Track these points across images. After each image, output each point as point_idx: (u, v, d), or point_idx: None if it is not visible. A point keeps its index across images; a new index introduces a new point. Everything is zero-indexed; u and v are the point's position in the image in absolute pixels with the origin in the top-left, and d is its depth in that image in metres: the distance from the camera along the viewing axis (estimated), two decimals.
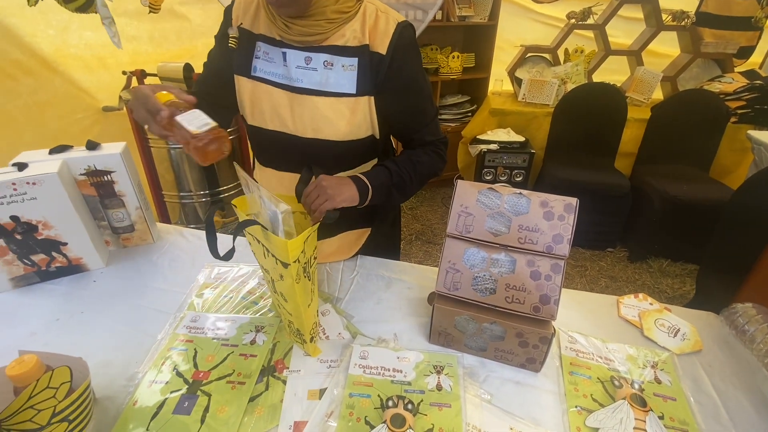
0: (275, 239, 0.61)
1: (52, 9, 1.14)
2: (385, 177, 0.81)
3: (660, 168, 2.51)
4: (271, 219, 0.65)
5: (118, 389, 0.69)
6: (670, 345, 0.81)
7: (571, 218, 0.69)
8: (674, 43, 3.01)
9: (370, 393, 0.68)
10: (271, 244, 0.63)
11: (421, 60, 0.85)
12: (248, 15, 0.79)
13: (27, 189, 0.82)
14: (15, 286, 0.91)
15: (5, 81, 1.39)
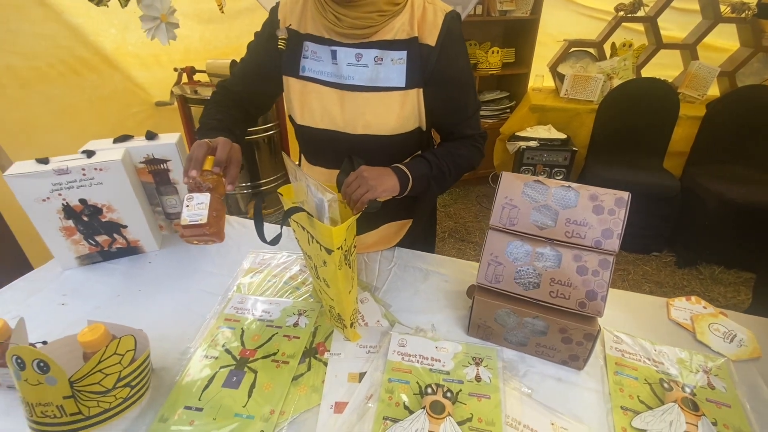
0: (320, 226, 0.63)
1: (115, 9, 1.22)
2: (425, 168, 0.81)
3: (714, 169, 2.35)
4: (317, 206, 0.68)
5: (172, 362, 0.74)
6: (726, 351, 0.76)
7: (621, 213, 0.67)
8: (733, 37, 2.80)
9: (408, 379, 0.69)
10: (316, 231, 0.65)
11: (467, 50, 0.84)
12: (295, 15, 0.81)
13: (94, 174, 0.89)
14: (80, 264, 0.99)
15: (72, 77, 1.52)
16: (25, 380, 0.56)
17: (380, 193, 0.74)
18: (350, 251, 0.71)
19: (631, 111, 2.45)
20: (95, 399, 0.59)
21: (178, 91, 1.82)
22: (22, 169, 0.85)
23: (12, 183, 0.84)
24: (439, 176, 0.83)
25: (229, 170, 0.67)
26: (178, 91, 1.82)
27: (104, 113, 1.68)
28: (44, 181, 0.86)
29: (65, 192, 0.88)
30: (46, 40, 1.40)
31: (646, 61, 2.75)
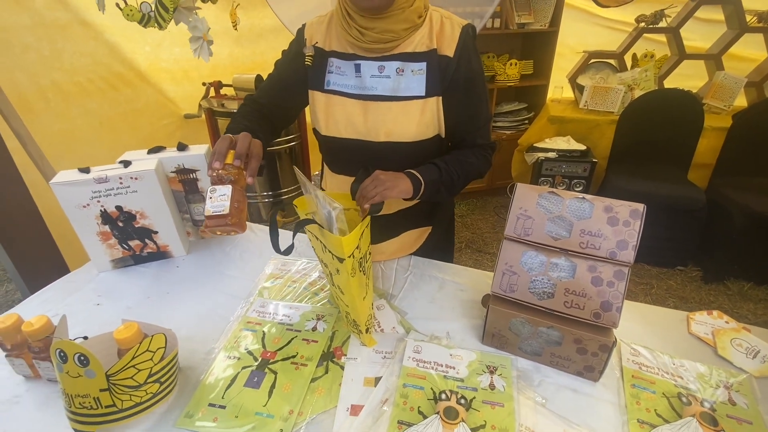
0: (330, 236, 0.66)
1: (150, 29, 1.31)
2: (435, 174, 0.84)
3: (742, 181, 2.28)
4: (326, 218, 0.71)
5: (197, 361, 0.77)
6: (748, 367, 0.75)
7: (637, 224, 0.67)
8: (761, 46, 2.73)
9: (423, 385, 0.71)
10: (327, 241, 0.68)
11: (481, 62, 0.87)
12: (320, 34, 0.87)
13: (130, 183, 0.95)
14: (114, 267, 1.05)
15: (109, 91, 1.62)
16: (66, 372, 0.60)
17: (395, 194, 0.77)
18: (365, 258, 0.74)
19: (654, 122, 2.41)
20: (128, 393, 0.63)
21: (206, 104, 1.91)
22: (65, 177, 0.92)
23: (57, 190, 0.90)
24: (448, 182, 0.86)
25: (250, 163, 0.71)
26: (205, 105, 1.91)
27: (137, 125, 1.78)
28: (85, 188, 0.92)
29: (103, 199, 0.95)
30: (86, 58, 1.51)
31: (669, 71, 2.71)
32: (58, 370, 0.61)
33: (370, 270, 0.79)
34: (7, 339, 0.70)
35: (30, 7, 1.29)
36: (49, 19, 1.34)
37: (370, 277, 0.79)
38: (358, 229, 0.67)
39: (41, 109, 1.38)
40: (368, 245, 0.75)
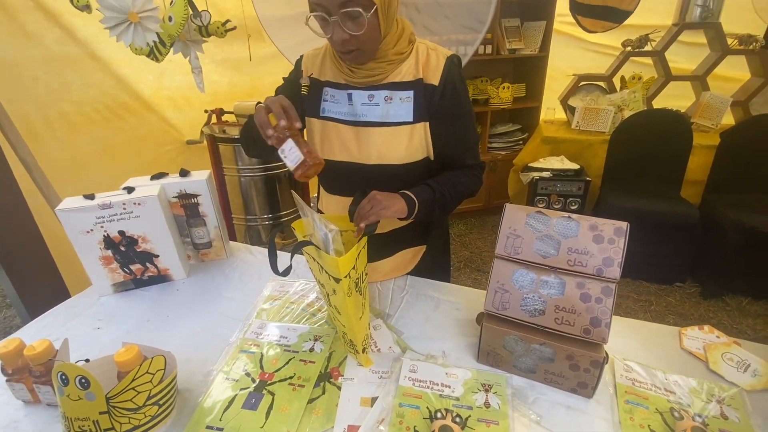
0: (327, 257, 0.68)
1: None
2: (429, 194, 0.87)
3: (734, 197, 2.32)
4: (323, 239, 0.73)
5: (196, 383, 0.78)
6: (740, 380, 0.76)
7: (621, 242, 0.70)
8: (744, 67, 2.84)
9: (419, 404, 0.71)
10: (324, 262, 0.71)
11: (467, 88, 0.92)
12: (316, 66, 0.93)
13: (133, 208, 0.98)
14: (115, 291, 1.06)
15: (114, 119, 1.68)
16: (67, 395, 0.61)
17: (391, 213, 0.80)
18: (361, 278, 0.76)
19: (644, 141, 2.47)
20: (127, 416, 0.64)
21: (208, 130, 1.97)
22: (70, 204, 0.95)
23: (62, 216, 0.93)
24: (441, 201, 0.89)
25: (289, 113, 0.74)
26: (207, 131, 1.97)
27: (140, 151, 1.84)
28: (89, 214, 0.95)
29: (107, 224, 0.97)
30: (93, 89, 1.57)
31: (657, 92, 2.79)
32: (59, 394, 0.62)
33: (367, 291, 0.81)
34: (8, 363, 0.72)
35: (40, 42, 1.36)
36: (59, 53, 1.41)
37: (366, 297, 0.81)
38: (354, 250, 0.70)
39: (48, 137, 1.43)
40: (365, 266, 0.77)
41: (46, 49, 1.36)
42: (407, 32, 0.87)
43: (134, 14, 0.99)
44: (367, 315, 0.82)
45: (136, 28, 1.03)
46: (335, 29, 0.76)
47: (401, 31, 0.85)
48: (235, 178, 2.06)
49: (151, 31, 1.04)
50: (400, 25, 0.85)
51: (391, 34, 0.83)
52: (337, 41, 0.78)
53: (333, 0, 0.73)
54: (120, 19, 0.96)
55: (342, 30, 0.76)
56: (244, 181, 2.06)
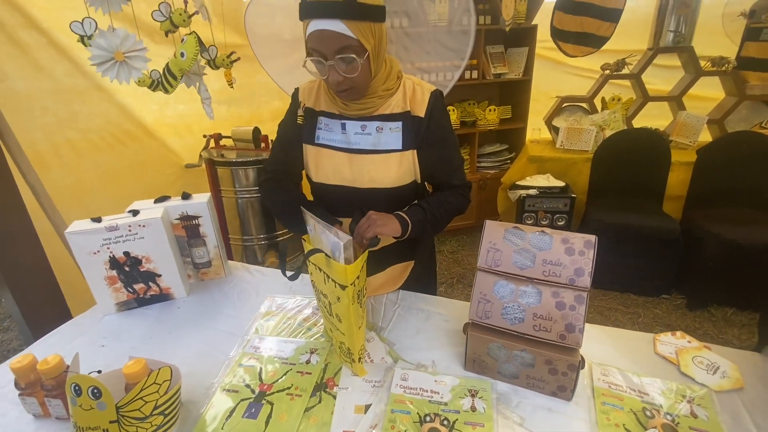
0: (335, 264, 0.75)
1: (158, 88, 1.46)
2: (421, 215, 0.94)
3: (713, 211, 2.41)
4: (333, 249, 0.79)
5: (198, 395, 0.82)
6: (709, 382, 0.81)
7: (590, 253, 0.77)
8: (718, 87, 2.99)
9: (409, 410, 0.76)
10: (332, 270, 0.77)
11: (449, 118, 1.01)
12: (311, 98, 1.01)
13: (138, 230, 1.04)
14: (118, 310, 1.11)
15: (118, 146, 1.75)
16: (79, 405, 0.65)
17: (386, 232, 0.86)
18: (362, 292, 0.82)
19: (625, 159, 2.59)
20: (135, 425, 0.68)
21: (206, 155, 2.05)
22: (79, 227, 1.00)
23: (70, 239, 0.99)
24: (433, 221, 0.96)
25: None
26: (206, 155, 2.05)
27: (141, 175, 1.90)
28: (97, 236, 1.01)
29: (113, 246, 1.03)
30: (99, 117, 1.65)
31: (636, 113, 2.93)
32: (71, 404, 0.67)
33: (365, 305, 0.87)
34: (21, 378, 0.76)
35: (51, 75, 1.45)
36: (68, 85, 1.49)
37: (365, 311, 0.87)
38: (360, 260, 0.76)
39: (55, 164, 1.49)
40: (365, 282, 0.83)
41: (57, 81, 1.45)
42: (395, 69, 0.96)
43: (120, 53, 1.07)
44: (364, 326, 0.87)
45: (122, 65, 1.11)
46: (331, 72, 0.84)
47: (390, 69, 0.94)
48: (232, 200, 2.13)
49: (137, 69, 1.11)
50: (389, 64, 0.94)
51: (381, 73, 0.92)
52: (332, 82, 0.86)
53: (330, 47, 0.81)
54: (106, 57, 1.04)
55: (337, 73, 0.84)
56: (241, 202, 2.13)
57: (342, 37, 0.80)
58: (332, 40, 0.80)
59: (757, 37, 2.76)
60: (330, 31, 0.79)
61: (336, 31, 0.79)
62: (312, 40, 0.83)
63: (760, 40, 2.76)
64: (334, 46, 0.81)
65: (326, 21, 0.79)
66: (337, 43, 0.80)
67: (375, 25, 0.84)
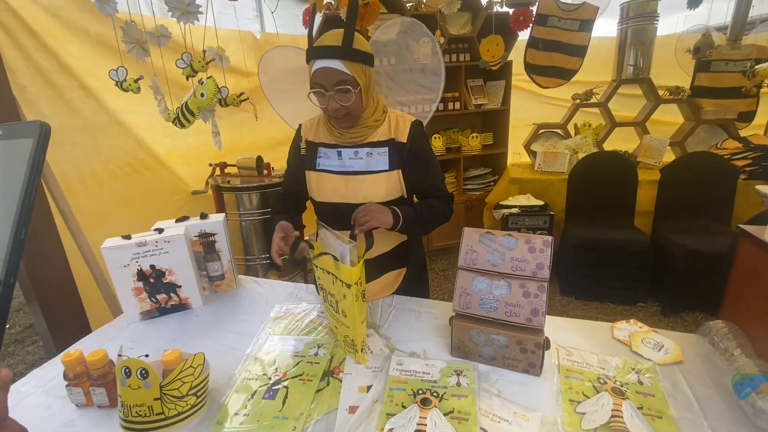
0: (343, 266, 0.90)
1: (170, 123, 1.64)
2: (411, 213, 1.11)
3: (680, 224, 2.63)
4: (341, 253, 0.95)
5: (221, 385, 0.95)
6: (654, 357, 0.97)
7: (548, 251, 0.94)
8: (677, 113, 3.30)
9: (405, 387, 0.90)
10: (339, 272, 0.92)
11: (429, 142, 1.21)
12: (312, 132, 1.21)
13: (163, 245, 1.19)
14: (142, 318, 1.23)
15: (133, 174, 1.92)
16: (128, 386, 0.78)
17: (381, 223, 1.03)
18: (363, 292, 0.97)
19: (598, 179, 2.82)
20: (174, 402, 0.81)
21: (213, 182, 2.21)
22: (112, 243, 1.15)
23: (106, 254, 1.13)
24: (421, 219, 1.13)
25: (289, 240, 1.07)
26: (212, 182, 2.21)
27: (153, 202, 2.05)
28: (128, 251, 1.15)
29: (141, 259, 1.17)
30: (118, 149, 1.82)
31: (606, 137, 3.21)
32: (121, 385, 0.79)
33: (365, 302, 1.02)
34: (70, 369, 0.88)
35: (80, 114, 1.62)
36: (94, 121, 1.67)
37: (365, 307, 1.02)
38: (360, 264, 0.93)
39: (80, 191, 1.64)
40: (364, 284, 0.99)
41: (85, 119, 1.62)
42: (381, 104, 1.17)
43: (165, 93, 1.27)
44: (365, 321, 1.02)
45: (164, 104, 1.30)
46: (330, 101, 1.04)
47: (377, 105, 1.15)
48: (236, 222, 2.28)
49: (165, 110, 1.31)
50: (376, 101, 1.16)
51: (371, 107, 1.12)
52: (331, 110, 1.06)
53: (330, 81, 1.01)
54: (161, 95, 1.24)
55: (335, 101, 1.04)
56: (245, 224, 2.28)
57: (340, 73, 1.00)
58: (332, 76, 1.00)
59: (707, 68, 3.09)
60: (330, 68, 1.00)
61: (335, 68, 1.00)
62: (316, 76, 1.03)
63: (710, 71, 3.10)
64: (334, 80, 1.01)
65: (328, 61, 1.00)
66: (335, 77, 1.00)
67: (366, 67, 1.05)
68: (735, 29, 3.04)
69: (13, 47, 1.37)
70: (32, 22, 1.44)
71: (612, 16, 3.20)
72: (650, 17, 2.97)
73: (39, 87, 1.46)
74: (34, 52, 1.45)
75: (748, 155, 2.64)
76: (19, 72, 1.39)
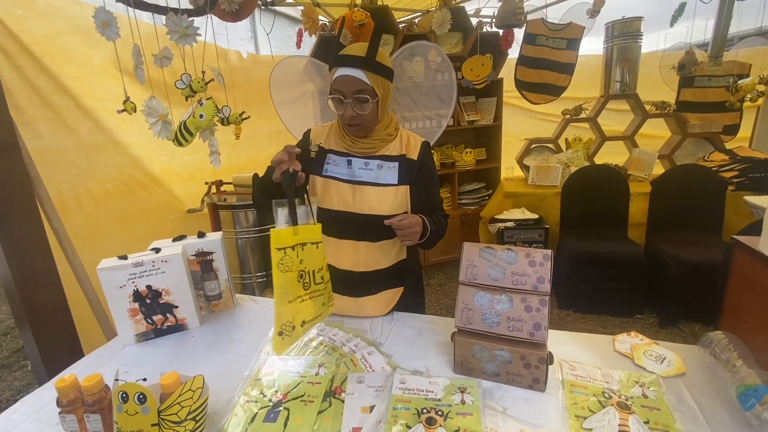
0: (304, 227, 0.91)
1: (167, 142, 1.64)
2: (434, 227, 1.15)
3: (673, 235, 2.67)
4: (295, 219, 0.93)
5: (220, 407, 0.92)
6: (657, 370, 0.97)
7: (548, 264, 0.94)
8: (664, 127, 3.39)
9: (409, 406, 0.88)
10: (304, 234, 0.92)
11: (435, 165, 1.24)
12: (323, 137, 1.23)
13: (160, 265, 1.17)
14: (137, 340, 1.20)
15: (129, 194, 1.90)
16: (125, 411, 0.76)
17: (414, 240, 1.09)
18: (311, 275, 0.94)
19: (590, 192, 2.86)
20: (172, 428, 0.78)
21: (209, 200, 2.20)
22: (108, 264, 1.13)
23: (101, 275, 1.11)
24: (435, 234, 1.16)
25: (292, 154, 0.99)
26: (208, 200, 2.20)
27: (148, 221, 2.04)
28: (124, 272, 1.13)
29: (137, 280, 1.15)
30: (114, 168, 1.81)
31: (596, 151, 3.27)
32: (117, 411, 0.77)
33: (316, 289, 0.98)
34: (64, 395, 0.85)
35: (76, 133, 1.62)
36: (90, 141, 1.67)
37: (314, 298, 0.98)
38: (291, 230, 0.90)
39: (75, 211, 1.63)
40: (319, 267, 0.97)
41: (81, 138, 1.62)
42: (394, 121, 1.20)
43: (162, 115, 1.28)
44: (304, 305, 0.96)
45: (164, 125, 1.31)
46: (347, 108, 1.07)
47: (390, 121, 1.18)
48: (232, 240, 2.26)
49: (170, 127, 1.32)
50: (390, 117, 1.19)
51: (384, 121, 1.16)
52: (347, 117, 1.08)
53: (350, 88, 1.04)
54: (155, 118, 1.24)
55: (352, 109, 1.06)
56: (241, 242, 2.26)
57: (360, 82, 1.04)
58: (352, 84, 1.04)
59: (691, 84, 3.19)
60: (352, 76, 1.03)
61: (356, 77, 1.03)
62: (336, 83, 1.06)
63: (694, 87, 3.19)
64: (353, 88, 1.04)
65: (350, 69, 1.03)
66: (355, 86, 1.04)
67: (385, 80, 1.09)
68: (716, 46, 3.15)
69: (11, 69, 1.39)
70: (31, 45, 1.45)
71: (598, 35, 3.32)
72: (634, 36, 3.07)
73: (36, 108, 1.47)
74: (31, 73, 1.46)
75: (734, 167, 2.71)
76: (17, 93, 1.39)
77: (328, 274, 1.01)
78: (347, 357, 1.07)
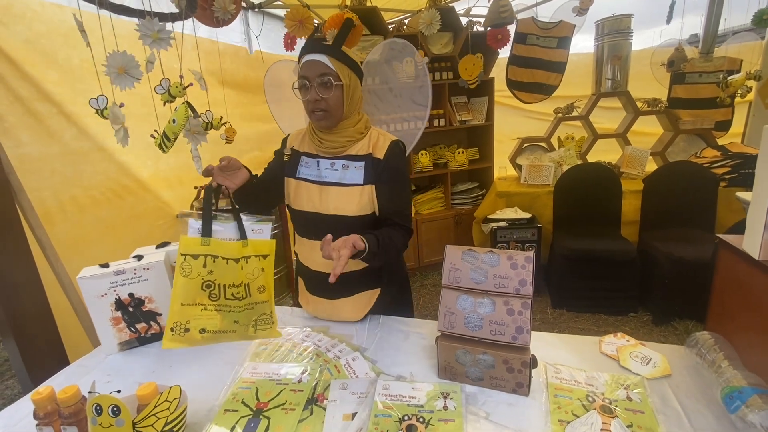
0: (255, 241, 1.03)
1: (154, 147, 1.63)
2: (374, 242, 1.02)
3: (666, 232, 2.66)
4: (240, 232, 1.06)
5: (201, 417, 0.91)
6: (642, 371, 0.96)
7: (530, 266, 0.93)
8: (656, 124, 3.39)
9: (391, 414, 0.87)
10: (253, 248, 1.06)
11: (405, 164, 1.21)
12: (297, 141, 1.24)
13: (142, 273, 1.16)
14: (121, 349, 1.19)
15: (116, 200, 1.89)
16: (99, 424, 0.75)
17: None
18: (214, 282, 1.01)
19: (583, 190, 2.85)
20: None
21: (198, 204, 2.18)
22: (89, 272, 1.12)
23: (82, 284, 1.10)
24: (380, 253, 1.04)
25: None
26: (197, 205, 2.18)
27: (137, 227, 2.02)
28: (105, 280, 1.12)
29: (119, 288, 1.14)
30: (100, 175, 1.80)
31: (589, 149, 3.26)
32: (91, 424, 0.76)
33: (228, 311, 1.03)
34: (40, 408, 0.84)
35: (60, 140, 1.61)
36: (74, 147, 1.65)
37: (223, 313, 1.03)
38: (200, 240, 1.01)
39: (60, 219, 1.61)
40: (237, 283, 1.02)
41: (65, 145, 1.60)
42: (364, 120, 1.19)
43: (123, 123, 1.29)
44: (215, 321, 1.02)
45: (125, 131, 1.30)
46: (311, 91, 1.07)
47: (360, 118, 1.17)
48: None
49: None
50: (361, 115, 1.18)
51: (353, 117, 1.15)
52: (311, 100, 1.08)
53: (313, 72, 1.06)
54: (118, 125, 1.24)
55: (316, 92, 1.07)
56: None
57: (323, 66, 1.06)
58: (316, 67, 1.06)
59: (683, 81, 3.19)
60: (316, 60, 1.06)
61: (320, 61, 1.05)
62: (302, 69, 1.08)
63: (685, 83, 3.19)
64: (317, 72, 1.06)
65: (314, 54, 1.06)
66: (319, 69, 1.06)
67: (351, 72, 1.10)
68: (707, 42, 3.15)
69: None
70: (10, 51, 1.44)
71: (588, 33, 3.31)
72: (624, 33, 3.07)
73: (18, 116, 1.45)
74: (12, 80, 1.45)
75: (726, 163, 2.70)
76: None
77: (262, 296, 1.04)
78: (331, 363, 1.06)
